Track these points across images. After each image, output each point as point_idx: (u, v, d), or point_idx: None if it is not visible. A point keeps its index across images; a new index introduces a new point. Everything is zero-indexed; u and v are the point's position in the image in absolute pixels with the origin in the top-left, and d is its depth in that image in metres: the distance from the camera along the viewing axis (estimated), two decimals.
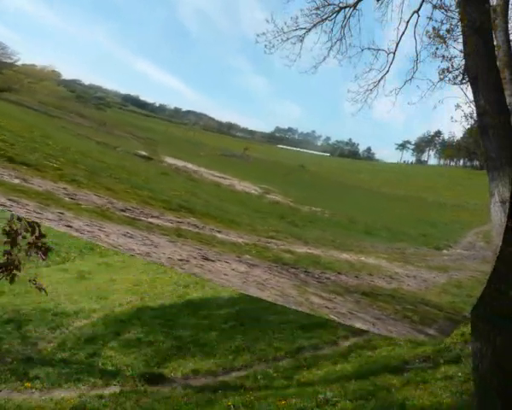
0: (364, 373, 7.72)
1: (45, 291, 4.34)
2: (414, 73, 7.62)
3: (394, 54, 7.75)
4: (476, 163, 12.51)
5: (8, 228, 3.89)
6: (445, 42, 6.67)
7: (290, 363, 9.20)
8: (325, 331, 10.90)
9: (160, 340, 10.71)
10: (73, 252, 20.29)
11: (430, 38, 7.00)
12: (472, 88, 4.22)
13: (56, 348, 11.09)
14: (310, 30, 7.59)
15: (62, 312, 13.27)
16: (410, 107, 8.20)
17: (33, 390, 9.07)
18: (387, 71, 7.87)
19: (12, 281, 4.03)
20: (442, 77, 6.81)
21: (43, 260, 4.10)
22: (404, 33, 7.60)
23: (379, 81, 7.84)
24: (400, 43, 7.70)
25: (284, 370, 8.75)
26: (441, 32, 6.72)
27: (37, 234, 3.90)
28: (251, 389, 7.72)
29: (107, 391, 8.76)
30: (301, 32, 7.61)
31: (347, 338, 10.53)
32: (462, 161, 13.55)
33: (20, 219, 3.87)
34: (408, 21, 7.56)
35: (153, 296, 14.59)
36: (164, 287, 15.51)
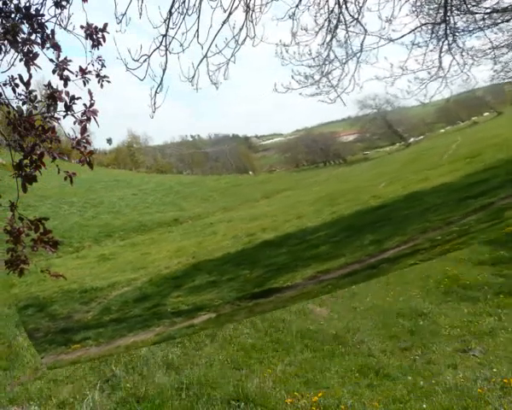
0: None
1: (64, 277, 3.83)
2: None
3: None
4: None
5: (9, 228, 3.24)
6: None
7: None
8: None
9: (246, 273, 8.64)
10: (87, 241, 18.43)
11: None
12: None
13: (99, 313, 9.12)
14: None
15: (92, 288, 11.29)
16: None
17: (88, 348, 6.97)
18: None
19: (21, 274, 3.43)
20: None
21: (53, 252, 3.48)
22: None
23: None
24: None
25: None
26: None
27: (41, 231, 3.27)
28: None
29: (196, 321, 6.61)
30: None
31: None
32: None
33: (21, 218, 3.24)
34: None
35: (207, 253, 12.44)
36: (219, 243, 13.42)
